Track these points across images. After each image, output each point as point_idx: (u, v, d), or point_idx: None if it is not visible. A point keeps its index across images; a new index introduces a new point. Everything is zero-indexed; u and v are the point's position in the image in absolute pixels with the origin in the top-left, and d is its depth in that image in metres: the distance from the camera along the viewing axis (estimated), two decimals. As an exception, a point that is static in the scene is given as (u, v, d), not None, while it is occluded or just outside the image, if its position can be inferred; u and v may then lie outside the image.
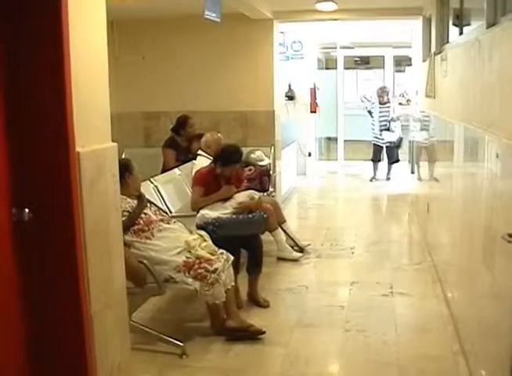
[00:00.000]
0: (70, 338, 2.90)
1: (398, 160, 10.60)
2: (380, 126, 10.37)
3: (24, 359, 2.84)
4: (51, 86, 2.70)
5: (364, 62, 15.34)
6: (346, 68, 13.42)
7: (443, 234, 5.29)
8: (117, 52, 7.78)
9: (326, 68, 14.68)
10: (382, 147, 10.51)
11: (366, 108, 10.72)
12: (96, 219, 2.97)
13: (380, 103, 10.39)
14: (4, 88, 2.64)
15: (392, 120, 10.29)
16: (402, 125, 10.57)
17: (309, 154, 11.88)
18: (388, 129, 10.32)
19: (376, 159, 10.68)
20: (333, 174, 11.84)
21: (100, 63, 3.11)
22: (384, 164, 10.75)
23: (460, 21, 4.96)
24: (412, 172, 8.99)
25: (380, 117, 10.36)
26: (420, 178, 6.14)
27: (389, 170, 10.69)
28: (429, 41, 7.04)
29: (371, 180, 10.65)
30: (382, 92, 10.43)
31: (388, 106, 10.40)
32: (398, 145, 10.45)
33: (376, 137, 10.52)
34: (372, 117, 10.56)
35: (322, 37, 12.08)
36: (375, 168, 10.70)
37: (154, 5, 6.95)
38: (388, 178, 10.66)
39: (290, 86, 11.23)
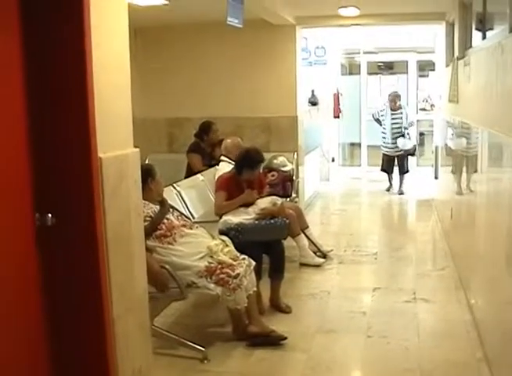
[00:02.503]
0: (91, 341, 2.91)
1: (408, 171, 10.10)
2: (393, 133, 9.85)
3: (46, 362, 2.86)
4: (73, 92, 2.72)
5: (387, 67, 15.26)
6: (369, 73, 13.37)
7: (467, 240, 5.24)
8: (141, 59, 7.84)
9: (350, 74, 14.65)
10: (394, 157, 10.00)
11: (373, 116, 10.30)
12: (118, 224, 2.99)
13: (392, 109, 9.89)
14: (27, 94, 2.67)
15: (406, 127, 9.82)
16: (422, 131, 10.36)
17: (332, 160, 11.85)
18: (403, 136, 9.79)
19: (389, 169, 10.18)
20: (357, 179, 11.78)
21: (122, 70, 3.13)
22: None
23: (483, 26, 4.92)
24: (436, 178, 8.91)
25: (393, 123, 9.87)
26: (460, 192, 5.63)
27: (401, 182, 10.08)
28: (452, 46, 6.99)
29: (388, 190, 10.22)
30: (393, 98, 9.95)
31: (401, 112, 9.90)
32: (412, 153, 10.03)
33: (387, 146, 9.98)
34: (381, 125, 10.07)
35: (346, 43, 12.05)
36: (389, 179, 10.25)
37: (177, 12, 6.99)
38: (401, 192, 9.98)
39: (313, 92, 11.21)
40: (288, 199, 6.41)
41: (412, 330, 4.44)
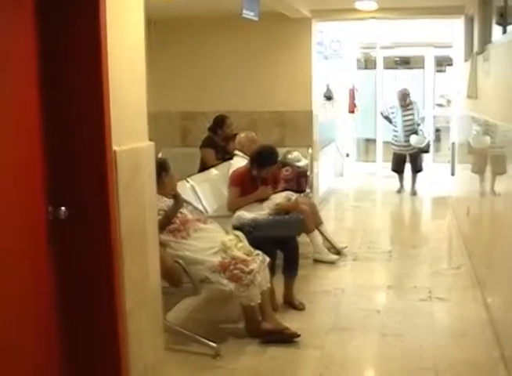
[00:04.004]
0: (104, 336, 2.92)
1: (421, 170, 9.78)
2: (406, 131, 9.53)
3: (58, 357, 2.87)
4: (88, 85, 2.72)
5: (404, 62, 15.18)
6: (385, 68, 13.31)
7: (485, 239, 5.20)
8: (155, 51, 7.83)
9: (366, 68, 14.58)
10: (405, 155, 9.69)
11: (382, 113, 10.08)
12: (132, 218, 2.99)
13: (403, 106, 9.60)
14: (42, 87, 2.67)
15: (418, 123, 9.56)
16: (438, 127, 10.17)
17: (347, 155, 11.81)
18: (416, 132, 9.48)
19: (400, 169, 9.81)
20: (371, 175, 11.74)
21: (138, 62, 3.12)
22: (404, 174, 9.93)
23: (504, 20, 4.88)
24: (453, 174, 8.85)
25: (405, 120, 9.57)
26: (482, 192, 5.46)
27: (414, 181, 9.74)
28: (471, 41, 6.93)
29: (398, 191, 9.78)
30: (402, 95, 9.62)
31: (411, 108, 9.62)
32: (426, 150, 9.76)
33: (399, 145, 9.66)
34: (391, 122, 9.76)
35: (362, 37, 12.00)
36: (401, 179, 9.86)
37: (192, 4, 6.98)
38: (414, 193, 9.67)
39: (328, 86, 11.17)
40: (302, 194, 6.39)
41: (427, 328, 4.42)
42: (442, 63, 13.46)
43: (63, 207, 2.76)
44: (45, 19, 2.65)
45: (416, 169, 9.71)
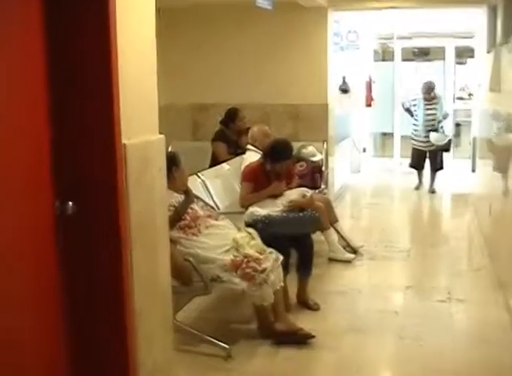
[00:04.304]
0: (112, 335, 2.93)
1: (442, 168, 9.60)
2: (426, 126, 9.36)
3: (65, 356, 2.88)
4: (97, 76, 2.72)
5: (423, 53, 15.10)
6: (404, 60, 13.24)
7: (508, 238, 5.16)
8: (164, 41, 7.81)
9: (383, 60, 14.52)
10: (425, 152, 9.52)
11: (403, 105, 9.88)
12: (142, 214, 2.99)
13: (426, 100, 9.38)
14: (49, 77, 2.67)
15: (440, 120, 9.37)
16: (458, 121, 10.01)
17: (364, 150, 11.78)
18: (436, 130, 9.31)
19: (419, 166, 9.67)
20: (389, 171, 11.70)
21: (148, 52, 3.12)
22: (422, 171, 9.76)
23: (530, 10, 4.83)
24: (473, 171, 8.80)
25: (427, 115, 9.37)
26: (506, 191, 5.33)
27: (433, 180, 9.60)
28: (494, 31, 6.87)
29: (417, 188, 9.69)
30: (428, 88, 9.40)
31: (435, 103, 9.42)
32: (446, 148, 9.54)
33: (418, 140, 9.50)
34: (412, 115, 9.58)
35: (379, 27, 11.94)
36: (420, 176, 9.73)
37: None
38: (433, 191, 9.52)
39: (344, 79, 11.13)
40: (317, 191, 6.38)
41: (446, 331, 4.40)
42: (463, 54, 13.39)
43: (70, 203, 2.76)
44: (53, 9, 2.65)
45: (436, 167, 9.55)
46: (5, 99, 2.40)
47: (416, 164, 9.69)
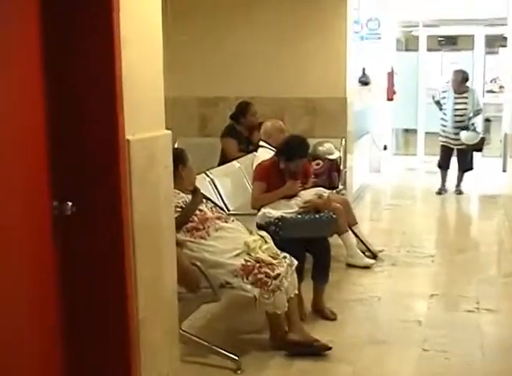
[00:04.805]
0: (113, 346, 2.94)
1: (471, 168, 9.40)
2: (455, 122, 9.11)
3: (63, 368, 2.89)
4: (98, 68, 2.73)
5: (450, 42, 15.07)
6: (429, 50, 13.21)
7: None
8: (171, 30, 7.83)
9: (406, 50, 14.50)
10: (453, 149, 9.34)
11: (433, 97, 9.65)
12: (147, 215, 3.00)
13: (456, 92, 9.12)
14: (47, 70, 2.68)
15: (471, 117, 9.12)
16: (488, 117, 9.79)
17: (385, 148, 11.76)
18: (466, 128, 9.05)
19: (445, 165, 9.47)
20: (412, 171, 11.67)
21: (154, 42, 3.13)
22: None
23: None
24: (504, 170, 8.76)
25: (456, 109, 9.11)
26: None
27: (460, 180, 9.45)
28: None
29: (439, 192, 9.45)
30: (457, 77, 9.13)
31: (466, 97, 9.13)
32: (479, 148, 9.26)
33: (447, 137, 9.28)
34: (441, 109, 9.32)
35: (403, 14, 11.91)
36: (443, 177, 9.52)
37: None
38: (459, 192, 9.41)
39: (364, 70, 11.11)
40: (335, 191, 6.37)
41: (475, 343, 4.37)
42: (494, 43, 13.34)
43: (69, 202, 2.78)
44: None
45: (465, 167, 9.38)
46: (0, 97, 2.41)
47: (443, 162, 9.52)
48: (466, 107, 9.14)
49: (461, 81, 9.20)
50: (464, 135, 9.06)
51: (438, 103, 9.50)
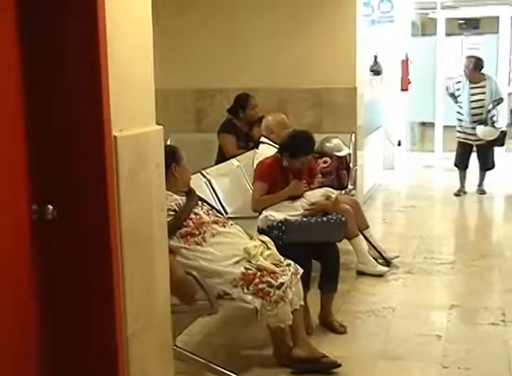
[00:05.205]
0: (100, 363, 2.93)
1: (493, 166, 9.39)
2: (472, 115, 9.03)
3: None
4: (81, 57, 2.72)
5: (472, 26, 15.06)
6: (448, 34, 13.21)
7: None
8: (162, 15, 7.84)
9: (423, 34, 14.51)
10: (471, 146, 9.28)
11: (448, 90, 9.54)
12: (136, 219, 2.99)
13: (471, 81, 9.07)
14: (26, 61, 2.67)
15: (490, 109, 8.92)
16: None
17: (399, 143, 11.78)
18: (485, 122, 8.94)
19: (462, 164, 9.40)
20: (429, 168, 11.70)
21: (143, 30, 3.13)
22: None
23: None
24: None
25: (472, 101, 9.04)
26: None
27: (482, 179, 9.42)
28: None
29: (458, 194, 9.42)
30: (471, 64, 9.05)
31: (483, 86, 9.04)
32: (501, 143, 9.23)
33: (464, 132, 9.22)
34: (457, 102, 9.30)
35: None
36: (462, 178, 9.46)
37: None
38: (481, 191, 9.38)
39: (375, 58, 11.11)
40: (344, 191, 6.38)
41: (500, 360, 4.37)
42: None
43: (50, 206, 2.77)
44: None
45: (486, 166, 9.36)
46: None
47: (460, 161, 9.47)
48: (483, 98, 9.06)
49: (474, 68, 9.11)
50: (481, 131, 8.99)
51: (452, 95, 9.45)
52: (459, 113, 9.35)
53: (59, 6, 2.71)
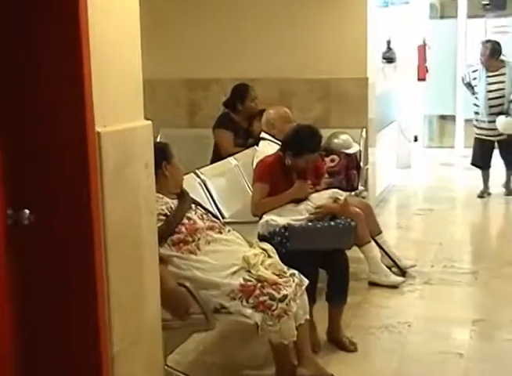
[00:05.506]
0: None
1: None
2: (489, 107, 8.96)
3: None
4: (60, 45, 2.73)
5: (496, 6, 15.04)
6: (470, 16, 13.19)
7: None
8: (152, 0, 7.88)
9: (442, 17, 14.51)
10: (492, 142, 9.21)
11: (463, 80, 9.59)
12: (122, 223, 3.00)
13: (488, 70, 8.98)
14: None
15: (511, 99, 8.84)
16: None
17: (415, 139, 11.78)
18: (506, 112, 8.81)
19: (484, 163, 9.33)
20: (449, 166, 11.70)
21: (129, 15, 3.14)
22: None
23: None
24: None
25: (489, 91, 8.97)
26: None
27: (509, 178, 9.39)
28: None
29: (481, 196, 9.38)
30: (487, 50, 8.95)
31: (502, 74, 8.93)
32: None
33: (481, 127, 9.20)
34: (473, 93, 9.25)
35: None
36: (485, 178, 9.41)
37: None
38: (508, 192, 9.36)
39: (389, 43, 11.12)
40: (353, 193, 6.39)
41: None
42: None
43: (26, 210, 2.78)
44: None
45: (509, 165, 9.32)
46: None
47: (480, 159, 9.41)
48: (502, 87, 8.98)
49: (490, 54, 9.03)
50: (501, 123, 8.90)
51: (468, 85, 9.39)
52: (475, 105, 9.29)
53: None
